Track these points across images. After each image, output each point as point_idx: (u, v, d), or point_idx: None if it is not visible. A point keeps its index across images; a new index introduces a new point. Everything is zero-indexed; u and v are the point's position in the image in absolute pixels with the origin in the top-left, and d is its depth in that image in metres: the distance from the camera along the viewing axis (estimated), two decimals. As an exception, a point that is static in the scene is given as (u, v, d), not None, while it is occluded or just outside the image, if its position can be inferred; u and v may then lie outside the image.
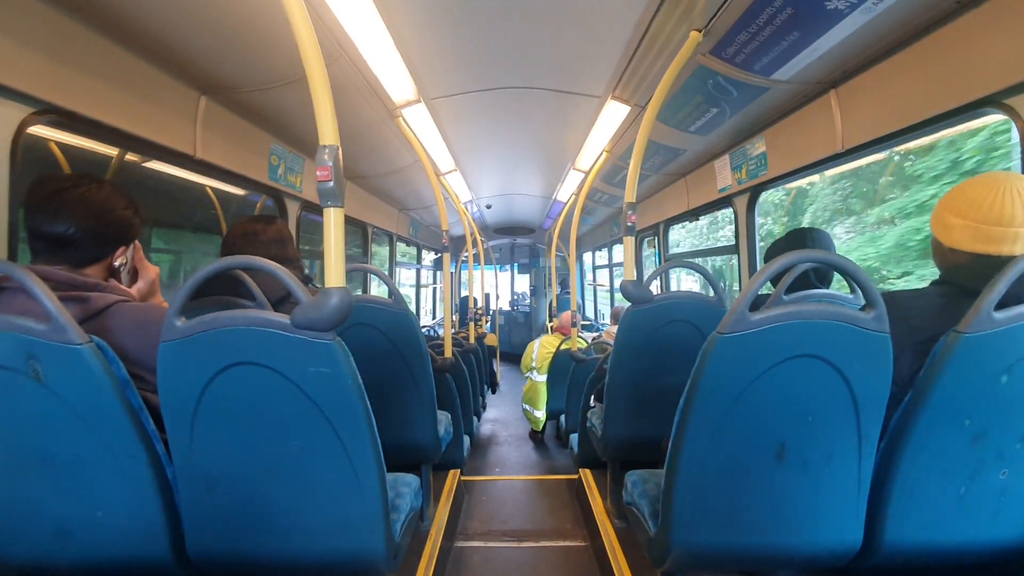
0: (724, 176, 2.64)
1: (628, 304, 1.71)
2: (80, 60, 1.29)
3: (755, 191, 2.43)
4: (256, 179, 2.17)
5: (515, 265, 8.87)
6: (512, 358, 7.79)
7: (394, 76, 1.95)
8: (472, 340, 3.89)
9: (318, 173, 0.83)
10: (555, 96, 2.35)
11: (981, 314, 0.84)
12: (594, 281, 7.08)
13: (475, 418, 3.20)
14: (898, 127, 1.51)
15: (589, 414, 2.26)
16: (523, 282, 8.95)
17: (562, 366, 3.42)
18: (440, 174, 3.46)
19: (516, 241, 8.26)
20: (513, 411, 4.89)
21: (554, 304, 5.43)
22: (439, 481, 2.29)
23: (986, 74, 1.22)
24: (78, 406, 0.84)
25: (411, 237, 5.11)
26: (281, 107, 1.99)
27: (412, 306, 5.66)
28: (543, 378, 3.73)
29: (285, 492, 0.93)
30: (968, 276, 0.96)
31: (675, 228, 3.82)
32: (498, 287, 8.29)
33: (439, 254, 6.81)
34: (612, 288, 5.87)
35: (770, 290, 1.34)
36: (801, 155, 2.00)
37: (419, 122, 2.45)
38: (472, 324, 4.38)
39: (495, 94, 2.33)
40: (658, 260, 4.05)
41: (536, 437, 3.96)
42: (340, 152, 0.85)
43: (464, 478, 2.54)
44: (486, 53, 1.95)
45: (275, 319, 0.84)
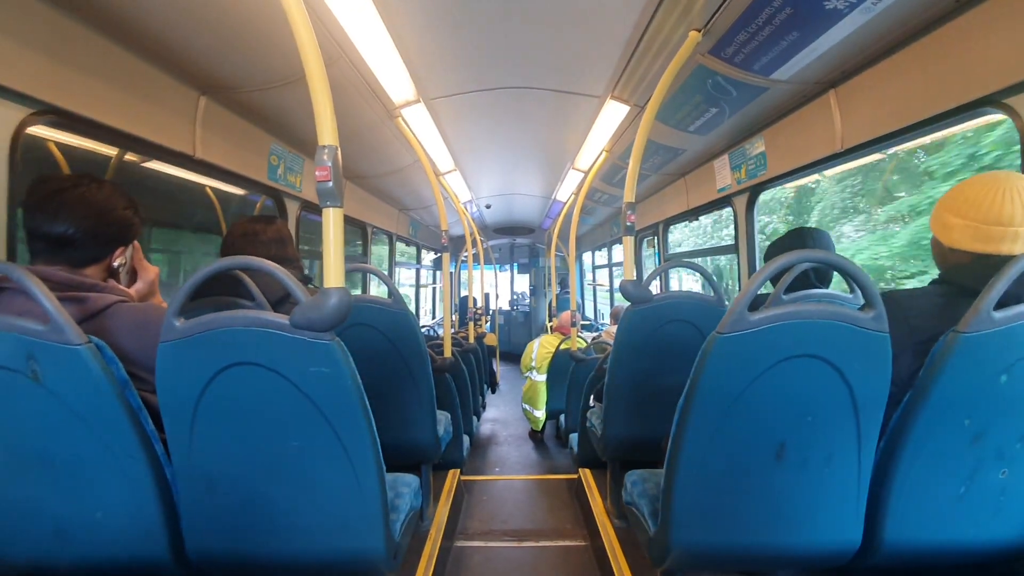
0: (723, 176, 2.64)
1: (628, 304, 1.71)
2: (80, 60, 1.29)
3: (754, 191, 2.43)
4: (256, 179, 2.17)
5: (515, 265, 8.87)
6: (512, 358, 7.80)
7: (393, 76, 1.95)
8: (472, 340, 3.89)
9: (317, 173, 0.83)
10: (555, 96, 2.35)
11: (980, 314, 0.84)
12: (594, 281, 7.08)
13: (475, 418, 3.20)
14: (897, 127, 1.51)
15: (589, 414, 2.26)
16: (523, 282, 8.95)
17: (562, 366, 3.42)
18: (439, 174, 3.46)
19: (516, 241, 8.27)
20: (513, 411, 4.88)
21: (554, 304, 5.44)
22: (439, 481, 2.29)
23: (985, 74, 1.22)
24: (77, 406, 0.84)
25: (411, 237, 5.11)
26: (281, 107, 1.99)
27: (411, 306, 5.66)
28: (543, 378, 3.73)
29: (284, 492, 0.93)
30: (968, 276, 0.96)
31: (678, 227, 3.81)
32: (498, 287, 8.30)
33: (439, 254, 6.81)
34: (612, 288, 5.87)
35: (770, 290, 1.34)
36: (800, 155, 2.00)
37: (418, 122, 2.45)
38: (472, 324, 4.38)
39: (495, 94, 2.33)
40: (658, 260, 4.05)
41: (536, 437, 3.96)
42: (339, 152, 0.85)
43: (464, 478, 2.54)
44: (485, 53, 1.95)
45: (274, 319, 0.84)
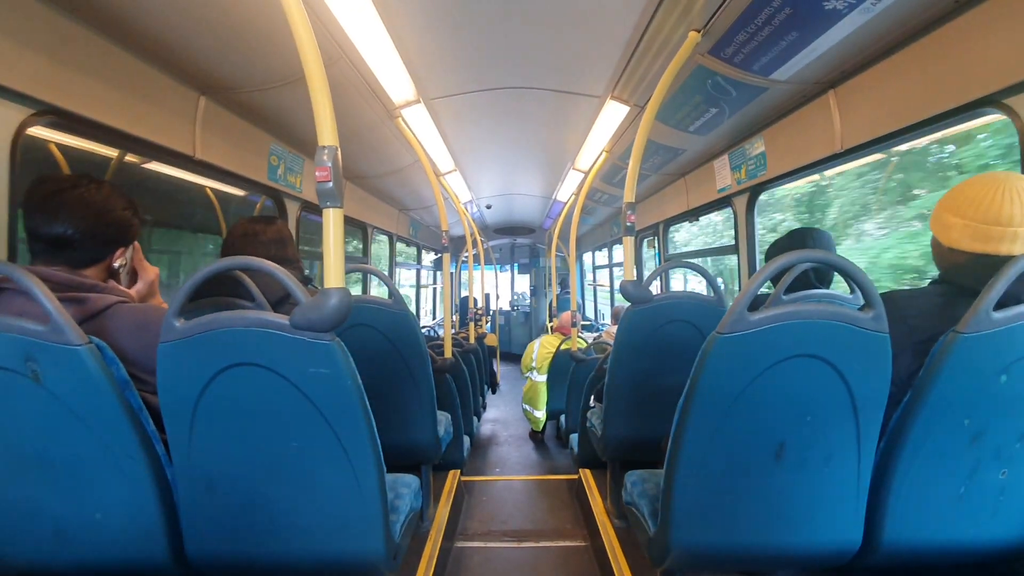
0: (723, 176, 2.64)
1: (628, 304, 1.71)
2: (80, 61, 1.29)
3: (754, 191, 2.43)
4: (256, 179, 2.17)
5: (515, 265, 8.87)
6: (512, 358, 7.80)
7: (393, 76, 1.95)
8: (472, 340, 3.89)
9: (317, 174, 0.83)
10: (555, 96, 2.35)
11: (980, 314, 0.84)
12: (594, 281, 7.08)
13: (475, 418, 3.20)
14: (897, 127, 1.51)
15: (589, 414, 2.26)
16: (523, 282, 8.95)
17: (562, 366, 3.42)
18: (440, 174, 3.46)
19: (516, 241, 8.27)
20: (513, 411, 4.88)
21: (554, 304, 5.43)
22: (439, 481, 2.29)
23: (985, 74, 1.22)
24: (77, 407, 0.84)
25: (411, 237, 5.11)
26: (281, 107, 1.99)
27: (412, 306, 5.66)
28: (543, 378, 3.72)
29: (284, 493, 0.93)
30: (967, 276, 0.96)
31: (685, 226, 3.79)
32: (498, 287, 8.29)
33: (439, 254, 6.81)
34: (612, 288, 5.87)
35: (771, 290, 1.34)
36: (800, 155, 2.00)
37: (419, 122, 2.45)
38: (472, 324, 4.38)
39: (495, 94, 2.33)
40: (658, 260, 4.05)
41: (536, 437, 3.96)
42: (339, 153, 0.85)
43: (464, 478, 2.54)
44: (485, 53, 1.95)
45: (274, 320, 0.84)
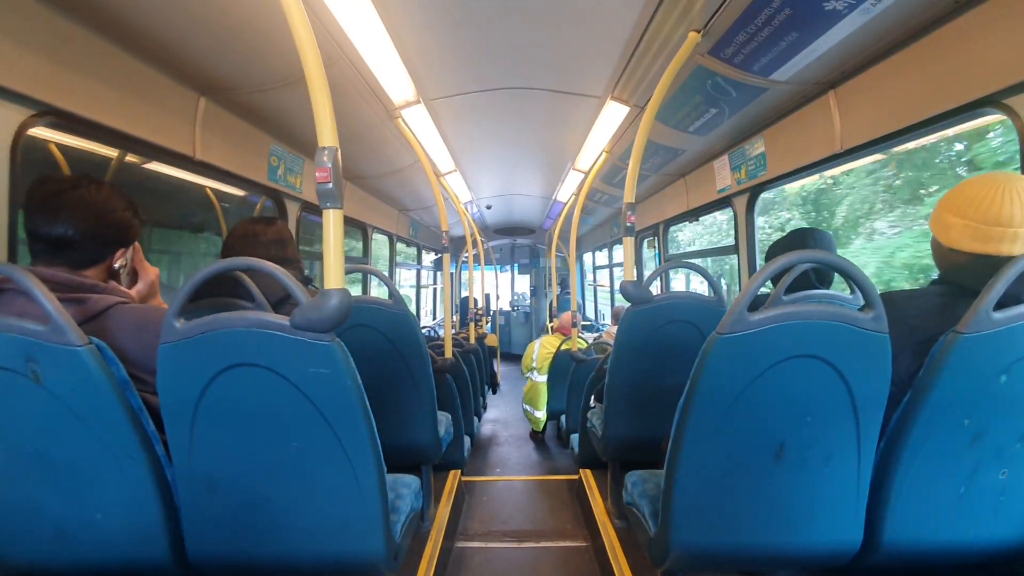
0: (723, 176, 2.64)
1: (628, 304, 1.71)
2: (80, 62, 1.29)
3: (754, 191, 2.43)
4: (256, 180, 2.17)
5: (515, 265, 8.87)
6: (512, 358, 7.80)
7: (393, 77, 1.95)
8: (472, 340, 3.89)
9: (317, 174, 0.83)
10: (554, 96, 2.35)
11: (980, 314, 0.84)
12: (594, 281, 7.08)
13: (475, 418, 3.20)
14: (897, 127, 1.51)
15: (589, 414, 2.26)
16: (523, 282, 8.95)
17: (562, 366, 3.42)
18: (440, 175, 3.46)
19: (516, 241, 8.27)
20: (513, 411, 4.88)
21: (554, 304, 5.43)
22: (439, 482, 2.29)
23: (985, 74, 1.22)
24: (77, 407, 0.84)
25: (411, 238, 5.11)
26: (281, 108, 1.99)
27: (412, 307, 5.66)
28: (543, 378, 3.72)
29: (285, 493, 0.93)
30: (967, 276, 0.96)
31: (689, 225, 3.77)
32: (498, 287, 8.30)
33: (439, 255, 6.81)
34: (612, 288, 5.87)
35: (771, 290, 1.34)
36: (800, 155, 2.00)
37: (418, 123, 2.45)
38: (472, 324, 4.38)
39: (494, 94, 2.33)
40: (658, 260, 4.05)
41: (536, 437, 3.96)
42: (339, 153, 0.85)
43: (464, 478, 2.54)
44: (485, 53, 1.95)
45: (274, 320, 0.84)
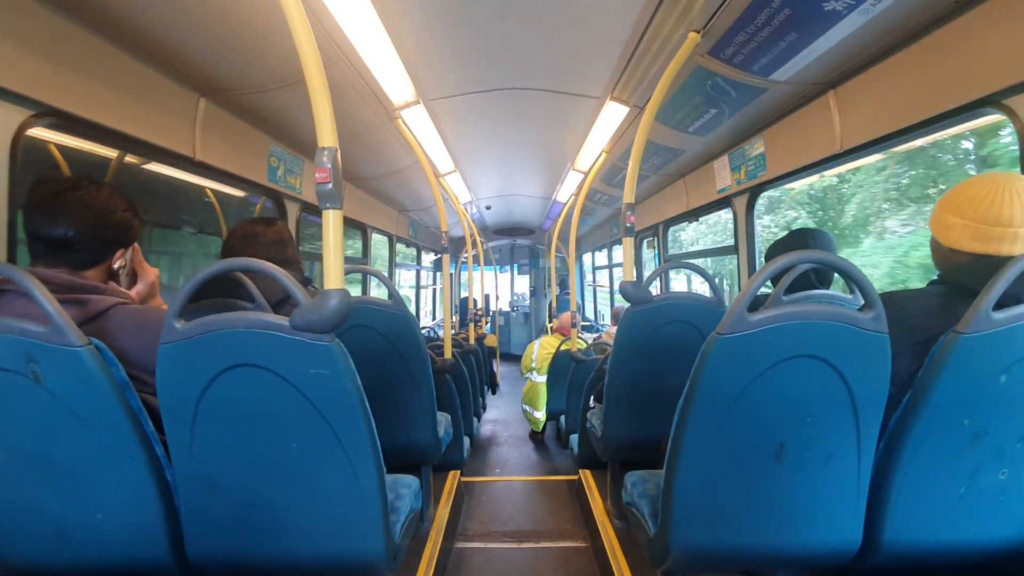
0: (723, 176, 2.64)
1: (628, 304, 1.71)
2: (79, 62, 1.29)
3: (754, 191, 2.43)
4: (256, 181, 2.17)
5: (515, 266, 8.87)
6: (512, 359, 7.79)
7: (393, 77, 1.95)
8: (472, 341, 3.89)
9: (317, 175, 0.83)
10: (554, 97, 2.35)
11: (980, 314, 0.84)
12: (594, 282, 7.08)
13: (475, 419, 3.20)
14: (896, 128, 1.51)
15: (589, 415, 2.26)
16: (523, 283, 8.95)
17: (562, 367, 3.42)
18: (439, 175, 3.46)
19: (516, 242, 8.27)
20: (513, 412, 4.88)
21: (554, 305, 5.44)
22: (439, 482, 2.29)
23: (984, 74, 1.22)
24: (77, 408, 0.84)
25: (411, 238, 5.11)
26: (280, 109, 1.99)
27: (412, 307, 5.66)
28: (543, 379, 3.72)
29: (284, 494, 0.93)
30: (967, 276, 0.95)
31: (692, 225, 3.76)
32: (498, 288, 8.30)
33: (439, 255, 6.82)
34: (612, 289, 5.87)
35: (771, 290, 1.34)
36: (800, 156, 2.00)
37: (418, 123, 2.45)
38: (472, 325, 4.38)
39: (494, 95, 2.33)
40: (658, 261, 4.05)
41: (536, 438, 3.95)
42: (339, 154, 0.85)
43: (464, 479, 2.54)
44: (485, 54, 1.95)
45: (274, 321, 0.84)
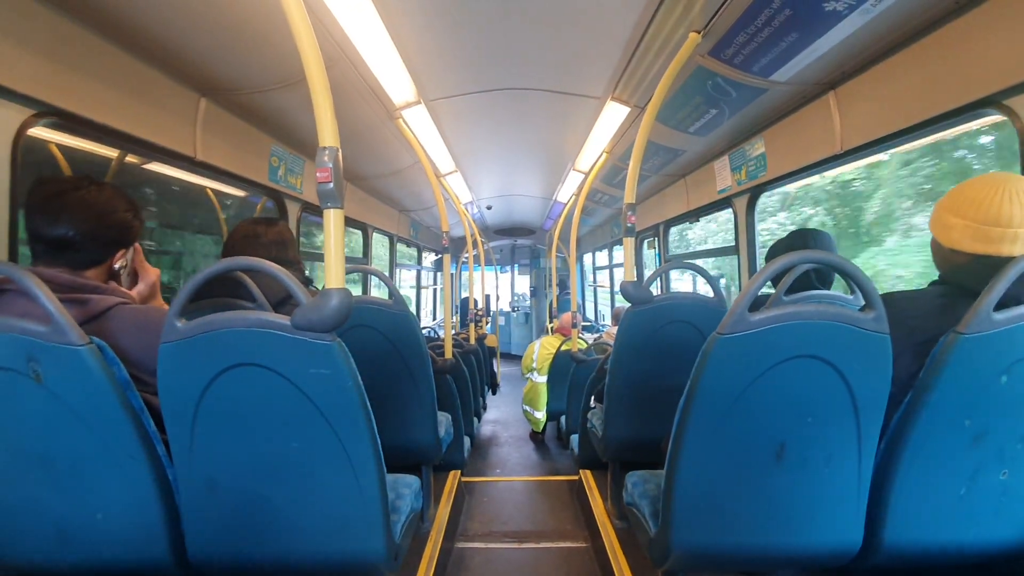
0: (724, 177, 2.64)
1: (628, 305, 1.71)
2: (80, 62, 1.29)
3: (755, 192, 2.43)
4: (256, 180, 2.17)
5: (515, 266, 8.88)
6: (512, 359, 7.80)
7: (394, 77, 1.96)
8: (472, 341, 3.89)
9: (318, 175, 0.83)
10: (555, 97, 2.35)
11: (980, 315, 0.84)
12: (594, 282, 7.08)
13: (475, 419, 3.20)
14: (897, 128, 1.51)
15: (589, 415, 2.26)
16: (523, 283, 8.96)
17: (562, 367, 3.42)
18: (440, 175, 3.46)
19: (516, 242, 8.27)
20: (513, 412, 4.88)
21: (554, 305, 5.44)
22: (440, 482, 2.29)
23: (985, 75, 1.22)
24: (78, 407, 0.84)
25: (411, 238, 5.11)
26: (281, 109, 1.99)
27: (412, 307, 5.66)
28: (543, 379, 3.72)
29: (285, 494, 0.93)
30: (967, 277, 0.95)
31: (699, 222, 3.73)
32: (498, 288, 8.30)
33: (439, 255, 6.82)
34: (612, 289, 5.87)
35: (772, 291, 1.34)
36: (800, 156, 2.00)
37: (419, 123, 2.45)
38: (472, 325, 4.38)
39: (495, 95, 2.33)
40: (658, 261, 4.05)
41: (536, 438, 3.96)
42: (340, 154, 0.85)
43: (465, 479, 2.54)
44: (486, 54, 1.95)
45: (275, 320, 0.84)
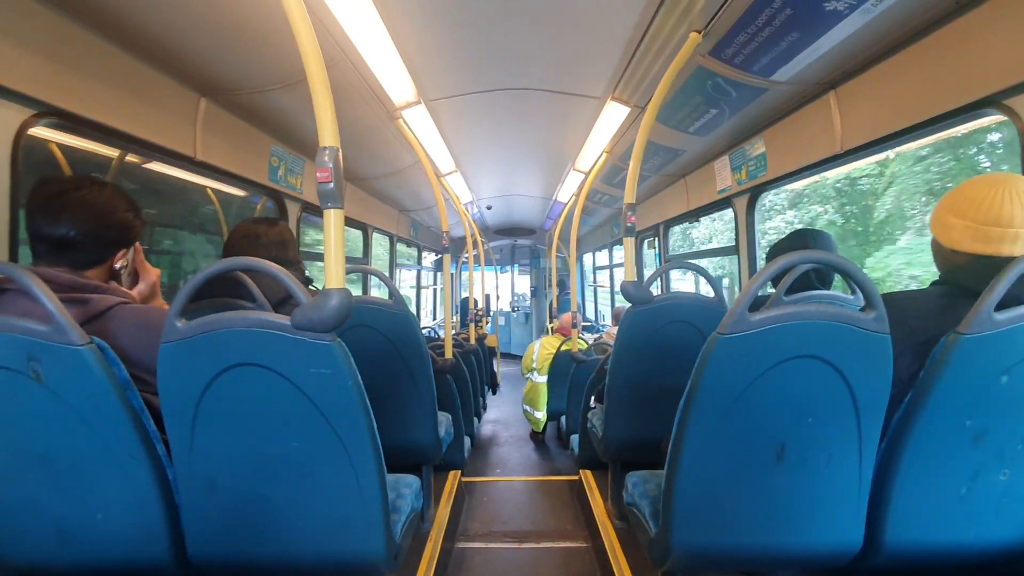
0: (724, 177, 2.64)
1: (628, 305, 1.71)
2: (80, 62, 1.29)
3: (755, 192, 2.43)
4: (256, 180, 2.17)
5: (515, 266, 8.88)
6: (512, 359, 7.80)
7: (394, 77, 1.96)
8: (472, 341, 3.89)
9: (318, 175, 0.83)
10: (555, 97, 2.35)
11: (981, 315, 0.84)
12: (594, 282, 7.08)
13: (476, 419, 3.20)
14: (897, 128, 1.51)
15: (590, 415, 2.26)
16: (523, 283, 8.96)
17: (562, 367, 3.42)
18: (440, 175, 3.46)
19: (516, 242, 8.27)
20: (514, 412, 4.88)
21: (554, 305, 5.44)
22: (440, 482, 2.29)
23: (985, 75, 1.22)
24: (79, 407, 0.84)
25: (411, 238, 5.11)
26: (281, 109, 1.99)
27: (412, 307, 5.66)
28: (543, 379, 3.72)
29: (285, 493, 0.93)
30: (968, 277, 0.95)
31: (704, 221, 3.72)
32: (498, 288, 8.30)
33: (439, 255, 6.82)
34: (612, 289, 5.87)
35: (772, 291, 1.34)
36: (800, 156, 2.00)
37: (419, 123, 2.45)
38: (472, 325, 4.38)
39: (495, 95, 2.33)
40: (658, 261, 4.05)
41: (537, 438, 3.96)
42: (340, 154, 0.85)
43: (465, 479, 2.54)
44: (486, 54, 1.95)
45: (275, 320, 0.84)
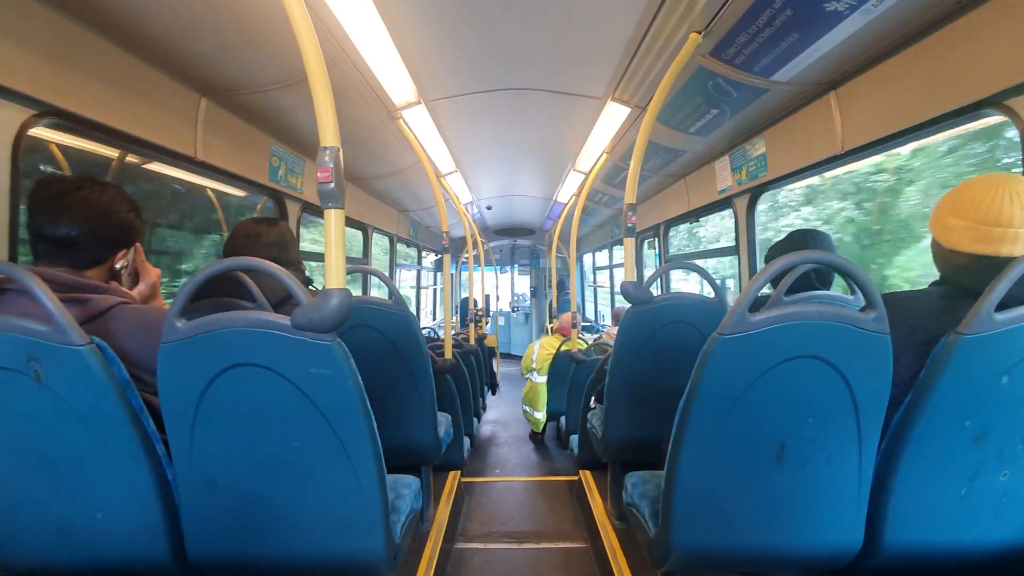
0: (724, 177, 2.64)
1: (628, 305, 1.71)
2: (81, 62, 1.29)
3: (755, 192, 2.43)
4: (257, 180, 2.17)
5: (515, 266, 8.88)
6: (512, 359, 7.80)
7: (394, 78, 1.96)
8: (472, 341, 3.89)
9: (319, 175, 0.83)
10: (555, 97, 2.35)
11: (981, 315, 0.84)
12: (594, 282, 7.08)
13: (475, 419, 3.20)
14: (898, 128, 1.51)
15: (589, 415, 2.26)
16: (523, 283, 8.96)
17: (562, 367, 3.42)
18: (440, 175, 3.47)
19: (516, 242, 8.28)
20: (513, 412, 4.88)
21: (554, 305, 5.44)
22: (439, 482, 2.29)
23: (986, 75, 1.22)
24: (79, 407, 0.84)
25: (411, 238, 5.11)
26: (282, 109, 1.99)
27: (412, 307, 5.66)
28: (543, 379, 3.72)
29: (285, 493, 0.93)
30: (968, 277, 0.95)
31: (712, 219, 3.70)
32: (498, 288, 8.30)
33: (439, 255, 6.82)
34: (612, 289, 5.87)
35: (772, 292, 1.34)
36: (801, 156, 2.00)
37: (419, 124, 2.45)
38: (472, 325, 4.38)
39: (495, 95, 2.33)
40: (659, 261, 4.05)
41: (536, 438, 3.95)
42: (341, 154, 0.85)
43: (464, 479, 2.54)
44: (486, 54, 1.95)
45: (275, 320, 0.84)
